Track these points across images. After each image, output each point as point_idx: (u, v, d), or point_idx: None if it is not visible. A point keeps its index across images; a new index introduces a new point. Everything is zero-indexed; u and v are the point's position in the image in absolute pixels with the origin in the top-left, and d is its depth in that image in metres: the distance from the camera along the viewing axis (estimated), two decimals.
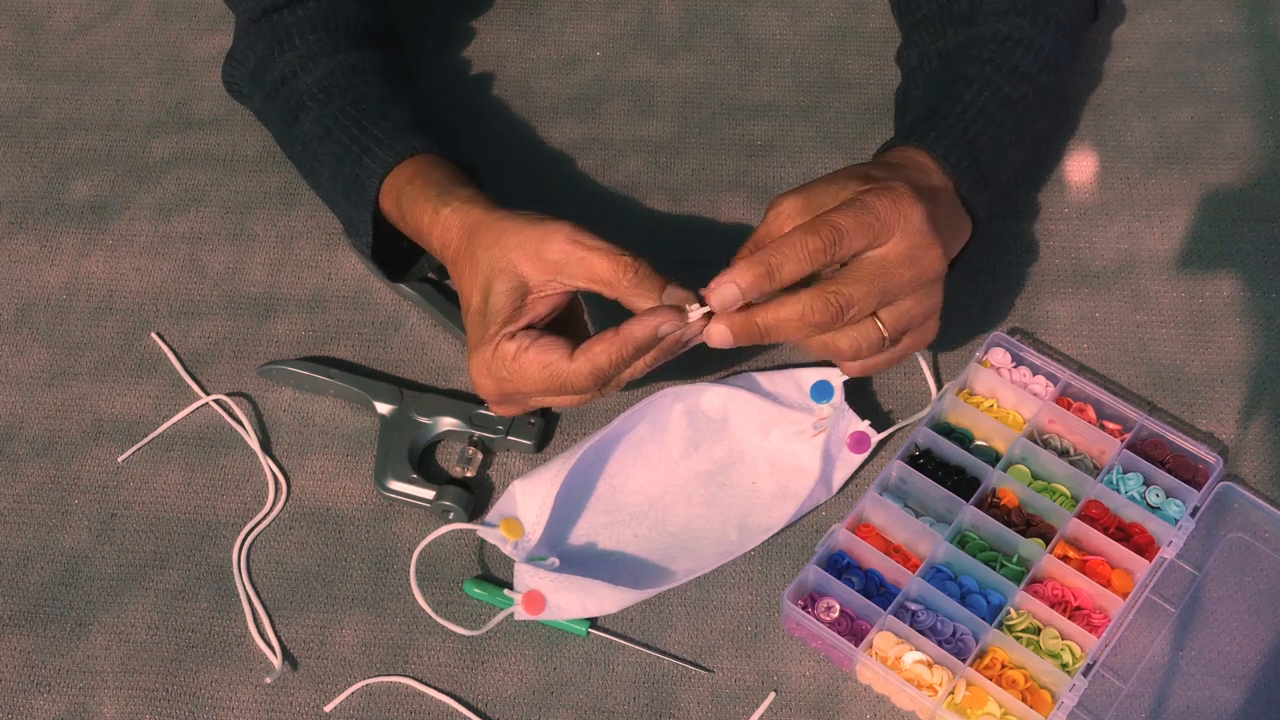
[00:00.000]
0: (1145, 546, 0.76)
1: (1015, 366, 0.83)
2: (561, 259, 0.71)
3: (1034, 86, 0.82)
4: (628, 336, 0.70)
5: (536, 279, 0.72)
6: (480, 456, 0.83)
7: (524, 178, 0.95)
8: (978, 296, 0.87)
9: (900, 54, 0.91)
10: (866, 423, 0.81)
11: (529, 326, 0.73)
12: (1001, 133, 0.80)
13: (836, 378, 0.81)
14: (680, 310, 0.70)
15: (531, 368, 0.72)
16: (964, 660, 0.72)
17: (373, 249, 0.83)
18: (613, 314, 0.72)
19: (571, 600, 0.76)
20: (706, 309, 0.70)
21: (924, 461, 0.80)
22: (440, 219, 0.76)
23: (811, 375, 0.82)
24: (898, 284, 0.70)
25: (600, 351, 0.70)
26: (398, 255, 0.85)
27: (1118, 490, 0.78)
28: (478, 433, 0.83)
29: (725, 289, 0.69)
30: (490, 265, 0.72)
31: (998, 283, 0.88)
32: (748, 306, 0.69)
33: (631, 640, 0.77)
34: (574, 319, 0.78)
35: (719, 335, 0.70)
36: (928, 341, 0.75)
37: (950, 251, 0.74)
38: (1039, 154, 0.92)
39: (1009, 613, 0.74)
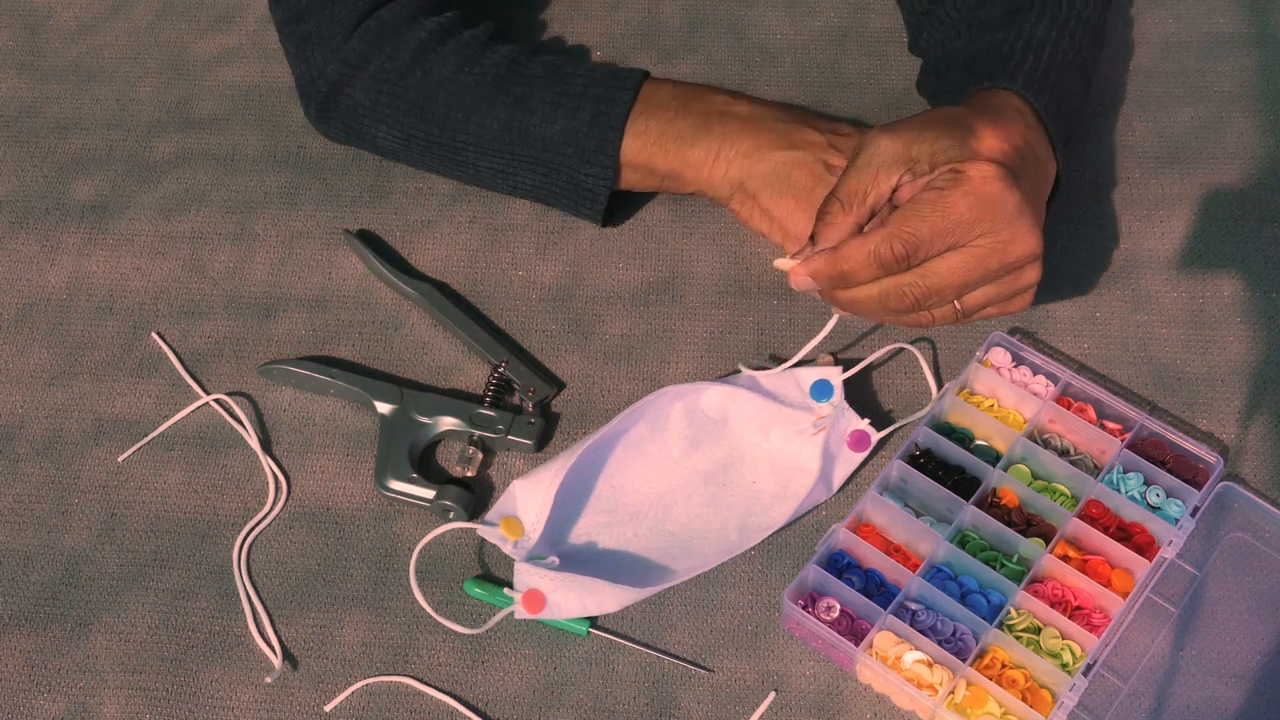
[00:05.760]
0: (1145, 546, 0.76)
1: (1016, 366, 0.83)
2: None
3: (1085, 46, 0.84)
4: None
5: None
6: (480, 456, 0.83)
7: None
8: None
9: (920, 40, 0.91)
10: (866, 421, 0.81)
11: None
12: (1071, 83, 0.82)
13: (836, 377, 0.81)
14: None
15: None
16: (964, 660, 0.72)
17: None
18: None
19: (572, 599, 0.76)
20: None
21: (924, 461, 0.79)
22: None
23: (811, 374, 0.82)
24: (982, 276, 0.72)
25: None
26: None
27: (1118, 490, 0.78)
28: (478, 432, 0.83)
29: (801, 280, 0.74)
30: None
31: None
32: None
33: (632, 640, 0.77)
34: None
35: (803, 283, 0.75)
36: (1016, 311, 0.76)
37: (1043, 213, 0.74)
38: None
39: (1009, 612, 0.74)
